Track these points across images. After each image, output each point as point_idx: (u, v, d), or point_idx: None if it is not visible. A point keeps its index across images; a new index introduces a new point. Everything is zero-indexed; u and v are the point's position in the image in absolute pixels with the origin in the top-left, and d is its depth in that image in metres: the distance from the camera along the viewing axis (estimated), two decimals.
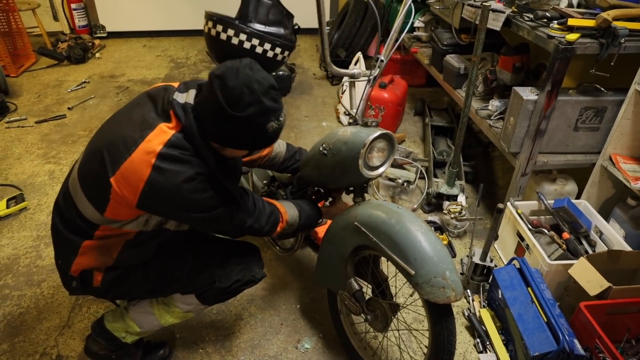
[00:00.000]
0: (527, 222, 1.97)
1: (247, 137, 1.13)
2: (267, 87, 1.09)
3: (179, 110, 1.13)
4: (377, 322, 1.41)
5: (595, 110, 1.97)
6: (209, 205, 1.19)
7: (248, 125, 1.09)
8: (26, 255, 2.08)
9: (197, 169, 1.13)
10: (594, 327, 1.45)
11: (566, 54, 1.75)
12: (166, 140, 1.10)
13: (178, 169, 1.10)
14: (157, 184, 1.09)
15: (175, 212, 1.19)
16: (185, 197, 1.13)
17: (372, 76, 1.44)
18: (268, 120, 1.10)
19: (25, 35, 4.36)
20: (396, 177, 2.47)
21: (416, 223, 1.25)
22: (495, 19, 2.08)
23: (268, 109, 1.09)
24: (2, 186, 2.56)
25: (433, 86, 3.96)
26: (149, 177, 1.08)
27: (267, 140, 1.16)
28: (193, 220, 1.24)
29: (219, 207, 1.21)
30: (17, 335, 1.70)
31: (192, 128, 1.12)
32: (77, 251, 1.26)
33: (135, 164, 1.09)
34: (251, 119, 1.08)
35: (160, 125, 1.12)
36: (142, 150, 1.09)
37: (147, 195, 1.11)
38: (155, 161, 1.08)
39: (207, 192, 1.16)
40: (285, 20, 1.42)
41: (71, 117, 3.38)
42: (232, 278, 1.39)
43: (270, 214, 1.39)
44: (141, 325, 1.47)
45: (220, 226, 1.29)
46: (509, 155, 2.11)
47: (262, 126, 1.10)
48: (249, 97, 1.06)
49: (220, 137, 1.15)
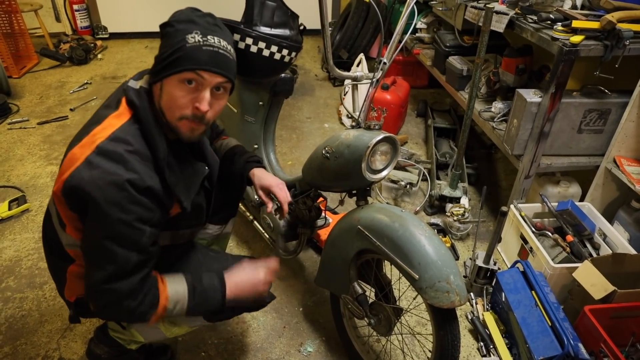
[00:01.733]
0: (530, 224, 1.96)
1: (165, 48, 1.05)
2: (204, 13, 1.09)
3: (132, 96, 1.07)
4: (380, 326, 1.40)
5: (599, 113, 1.96)
6: (116, 231, 1.00)
7: (168, 33, 1.05)
8: (28, 257, 2.08)
9: (130, 175, 0.99)
10: (598, 331, 1.44)
11: (570, 56, 1.74)
12: (110, 133, 1.02)
13: (109, 168, 0.98)
14: (81, 177, 0.98)
15: (82, 218, 1.04)
16: (98, 203, 0.97)
17: (375, 79, 1.44)
18: (189, 30, 1.04)
19: (27, 36, 4.36)
20: (399, 179, 2.46)
21: (420, 227, 1.24)
22: (498, 20, 2.07)
23: (193, 20, 1.05)
24: (4, 188, 2.56)
25: (435, 87, 3.95)
26: (76, 169, 0.99)
27: (185, 54, 1.02)
28: (86, 237, 1.06)
29: (125, 246, 1.02)
30: (19, 338, 1.70)
31: (146, 111, 1.06)
32: (65, 277, 1.19)
33: (71, 158, 1.01)
34: (172, 27, 1.05)
35: (109, 118, 1.06)
36: (83, 144, 1.02)
37: (67, 185, 0.99)
38: (90, 154, 0.99)
39: (125, 214, 0.99)
40: (290, 21, 1.41)
41: (73, 119, 3.38)
42: (242, 304, 1.29)
43: (150, 288, 1.10)
44: (146, 337, 1.39)
45: (100, 275, 1.03)
46: (512, 157, 2.11)
47: (181, 34, 1.03)
48: (180, 13, 1.07)
49: (155, 63, 1.08)
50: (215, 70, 1.06)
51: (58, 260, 1.20)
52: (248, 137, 1.96)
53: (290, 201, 1.42)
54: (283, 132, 3.25)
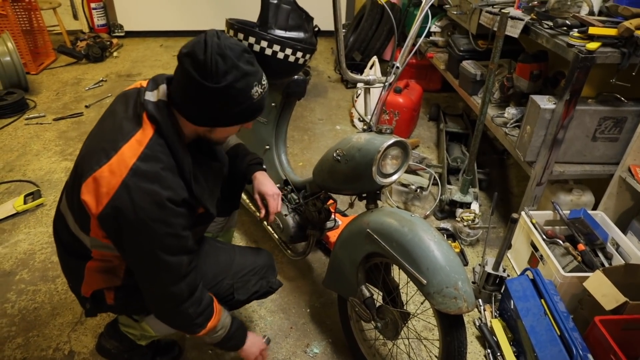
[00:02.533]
0: (541, 232, 1.94)
1: (233, 108, 1.06)
2: (240, 52, 1.03)
3: (152, 111, 1.06)
4: (387, 330, 1.40)
5: (615, 121, 1.94)
6: (166, 244, 1.07)
7: (231, 95, 1.03)
8: (42, 250, 2.12)
9: (168, 193, 1.03)
10: (609, 343, 1.43)
11: (586, 63, 1.72)
12: (140, 152, 1.03)
13: (148, 188, 1.01)
14: (122, 201, 1.00)
15: (128, 240, 1.07)
16: (146, 224, 1.02)
17: (388, 83, 1.44)
18: (250, 85, 1.05)
19: (46, 33, 4.44)
20: (409, 183, 2.45)
21: (429, 232, 1.24)
22: (513, 25, 2.06)
23: (247, 72, 1.03)
24: (20, 182, 2.61)
25: (448, 91, 3.94)
26: (116, 193, 1.00)
27: (255, 107, 1.08)
28: (139, 258, 1.10)
29: (175, 255, 1.09)
30: (32, 330, 1.73)
31: (168, 128, 1.07)
32: (82, 274, 1.23)
33: (104, 177, 1.02)
34: (232, 87, 1.02)
35: (135, 135, 1.05)
36: (115, 163, 1.02)
37: (108, 211, 1.02)
38: (127, 176, 1.01)
39: (170, 227, 1.05)
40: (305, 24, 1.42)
41: (88, 115, 3.43)
42: (251, 290, 1.38)
43: (207, 306, 1.23)
44: (157, 330, 1.45)
45: (162, 284, 1.13)
46: (525, 164, 2.09)
47: (247, 92, 1.04)
48: (223, 65, 1.00)
49: (206, 117, 1.08)
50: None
51: (75, 259, 1.23)
52: (260, 138, 1.98)
53: (278, 211, 1.49)
54: (295, 133, 3.26)
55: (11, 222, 2.29)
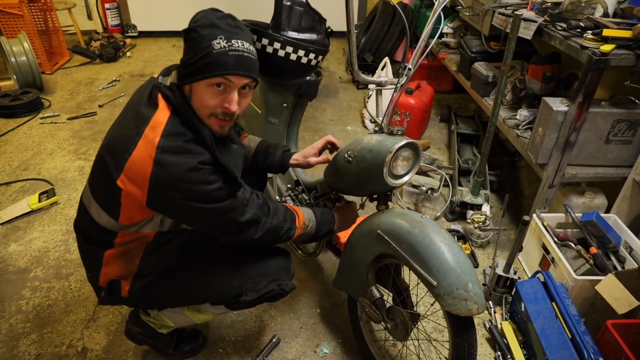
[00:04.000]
0: (553, 234, 1.93)
1: (191, 53, 1.09)
2: (224, 15, 1.11)
3: (166, 91, 1.12)
4: (396, 331, 1.40)
5: (629, 123, 1.92)
6: (217, 196, 1.14)
7: (194, 38, 1.08)
8: (56, 248, 2.15)
9: (199, 158, 1.10)
10: (621, 347, 1.41)
11: (600, 65, 1.71)
12: (162, 130, 1.08)
13: (179, 160, 1.07)
14: (161, 178, 1.07)
15: (183, 209, 1.14)
16: (191, 189, 1.10)
17: (399, 84, 1.44)
18: (214, 35, 1.07)
19: (60, 33, 4.51)
20: (420, 185, 2.45)
21: (439, 233, 1.24)
22: (526, 27, 2.05)
23: (215, 24, 1.08)
24: (35, 180, 2.65)
25: (460, 93, 3.92)
26: (152, 173, 1.06)
27: (213, 60, 1.07)
28: (203, 217, 1.18)
29: (229, 198, 1.17)
30: (46, 327, 1.76)
31: (183, 105, 1.12)
32: (101, 262, 1.28)
33: (137, 162, 1.07)
34: (196, 31, 1.07)
35: (154, 117, 1.10)
36: (142, 146, 1.07)
37: (154, 191, 1.09)
38: (156, 155, 1.06)
39: (213, 184, 1.12)
40: (317, 25, 1.43)
41: (102, 115, 3.47)
42: (261, 291, 1.38)
43: (286, 211, 1.36)
44: (175, 322, 1.51)
45: (234, 223, 1.22)
46: (536, 166, 2.08)
47: (207, 40, 1.07)
48: (201, 17, 1.10)
49: (181, 68, 1.13)
50: (242, 73, 1.11)
51: (95, 248, 1.27)
52: (271, 138, 1.98)
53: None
54: (306, 134, 3.27)
55: (26, 220, 2.33)
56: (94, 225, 1.24)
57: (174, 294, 1.38)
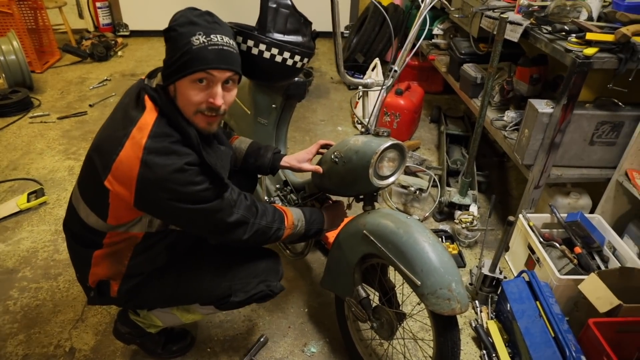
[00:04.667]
0: (538, 235, 1.96)
1: (172, 52, 1.11)
2: (201, 12, 1.13)
3: (152, 93, 1.13)
4: (383, 330, 1.42)
5: (612, 125, 1.95)
6: (203, 197, 1.15)
7: (173, 36, 1.10)
8: (44, 248, 2.14)
9: (186, 159, 1.11)
10: (602, 345, 1.44)
11: (583, 68, 1.73)
12: (149, 131, 1.09)
13: (166, 161, 1.08)
14: (148, 179, 1.08)
15: (170, 209, 1.15)
16: (177, 190, 1.10)
17: (385, 86, 1.46)
18: (192, 32, 1.09)
19: (51, 32, 4.48)
20: (409, 185, 2.47)
21: (424, 234, 1.26)
22: (513, 30, 2.07)
23: (194, 22, 1.10)
24: (24, 180, 2.64)
25: (450, 94, 3.95)
26: (139, 173, 1.07)
27: (195, 55, 1.09)
28: (190, 217, 1.19)
29: (216, 199, 1.18)
30: (33, 327, 1.75)
31: (169, 106, 1.13)
32: (90, 262, 1.28)
33: (124, 163, 1.08)
34: (175, 30, 1.09)
35: (141, 118, 1.11)
36: (129, 147, 1.08)
37: (141, 192, 1.10)
38: (142, 155, 1.07)
39: (200, 184, 1.13)
40: (303, 28, 1.44)
41: (92, 114, 3.46)
42: (249, 292, 1.39)
43: (274, 211, 1.36)
44: (164, 321, 1.53)
45: (222, 223, 1.22)
46: (523, 167, 2.10)
47: (187, 37, 1.08)
48: (179, 16, 1.12)
49: (164, 68, 1.15)
50: (223, 67, 1.13)
51: (83, 248, 1.28)
52: (261, 139, 1.99)
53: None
54: (296, 134, 3.28)
55: (14, 220, 2.32)
56: (83, 225, 1.24)
57: (163, 294, 1.39)
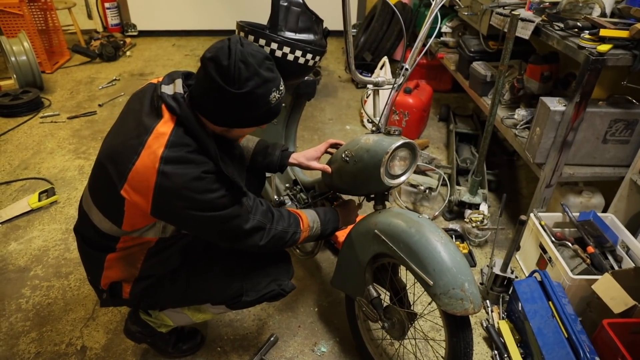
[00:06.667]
0: (550, 234, 1.94)
1: (251, 112, 1.12)
2: (261, 59, 1.09)
3: (170, 102, 1.11)
4: (394, 330, 1.41)
5: (626, 123, 1.92)
6: (221, 204, 1.14)
7: (251, 100, 1.09)
8: (55, 247, 2.16)
9: (203, 167, 1.10)
10: (617, 346, 1.42)
11: (597, 65, 1.71)
12: (166, 141, 1.08)
13: (183, 170, 1.08)
14: (165, 188, 1.07)
15: (188, 218, 1.14)
16: (194, 198, 1.10)
17: (397, 84, 1.45)
18: (269, 90, 1.11)
19: (60, 33, 4.51)
20: (418, 184, 2.46)
21: (436, 233, 1.25)
22: (524, 27, 2.05)
23: (267, 79, 1.09)
24: (35, 179, 2.66)
25: (459, 92, 3.93)
26: (156, 183, 1.07)
27: (272, 111, 1.15)
28: (208, 225, 1.18)
29: (233, 206, 1.17)
30: (45, 325, 1.77)
31: (188, 117, 1.11)
32: (102, 265, 1.28)
33: (140, 173, 1.08)
34: (253, 93, 1.08)
35: (157, 127, 1.10)
36: (145, 157, 1.07)
37: (158, 201, 1.09)
38: (160, 166, 1.06)
39: (217, 191, 1.13)
40: (314, 26, 1.43)
41: (101, 114, 3.48)
42: (261, 291, 1.39)
43: (289, 215, 1.36)
44: (175, 321, 1.53)
45: (239, 230, 1.22)
46: (534, 165, 2.08)
47: (265, 98, 1.10)
48: (245, 71, 1.06)
49: (225, 119, 1.14)
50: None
51: (97, 253, 1.28)
52: (270, 138, 1.99)
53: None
54: (305, 133, 3.28)
55: (26, 219, 2.34)
56: (95, 230, 1.24)
57: (175, 295, 1.39)
